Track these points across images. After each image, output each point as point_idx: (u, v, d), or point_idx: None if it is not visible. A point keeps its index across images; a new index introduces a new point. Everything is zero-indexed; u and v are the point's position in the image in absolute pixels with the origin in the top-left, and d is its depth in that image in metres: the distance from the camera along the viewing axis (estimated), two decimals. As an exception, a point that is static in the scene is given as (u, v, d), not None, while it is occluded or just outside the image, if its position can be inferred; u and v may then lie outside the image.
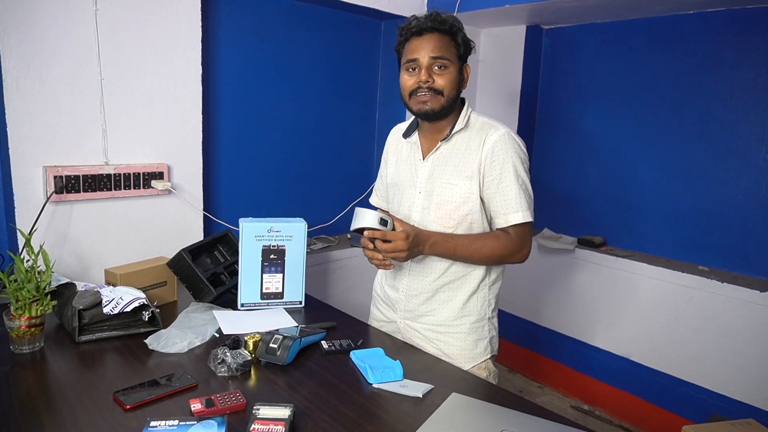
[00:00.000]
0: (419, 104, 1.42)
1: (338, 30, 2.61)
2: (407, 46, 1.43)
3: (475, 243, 1.42)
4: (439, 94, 1.40)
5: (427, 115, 1.43)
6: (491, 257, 1.44)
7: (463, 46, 1.42)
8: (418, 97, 1.41)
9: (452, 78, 1.41)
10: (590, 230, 2.98)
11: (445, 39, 1.40)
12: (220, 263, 1.87)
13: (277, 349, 1.30)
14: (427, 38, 1.39)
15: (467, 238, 1.43)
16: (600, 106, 2.90)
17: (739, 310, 2.30)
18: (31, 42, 1.61)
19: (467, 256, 1.43)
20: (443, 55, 1.39)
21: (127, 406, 1.07)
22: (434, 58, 1.38)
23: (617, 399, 2.78)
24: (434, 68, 1.39)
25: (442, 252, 1.43)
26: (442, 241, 1.41)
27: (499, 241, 1.43)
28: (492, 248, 1.42)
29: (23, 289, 1.28)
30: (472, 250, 1.42)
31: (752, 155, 2.39)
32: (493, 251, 1.42)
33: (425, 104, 1.41)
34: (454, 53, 1.41)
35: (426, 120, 1.47)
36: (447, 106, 1.42)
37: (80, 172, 1.74)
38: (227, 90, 2.26)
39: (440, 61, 1.39)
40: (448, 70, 1.40)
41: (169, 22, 1.89)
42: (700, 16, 2.49)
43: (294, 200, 2.58)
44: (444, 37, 1.40)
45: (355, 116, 2.78)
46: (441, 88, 1.39)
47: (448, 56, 1.39)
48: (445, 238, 1.41)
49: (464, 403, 1.19)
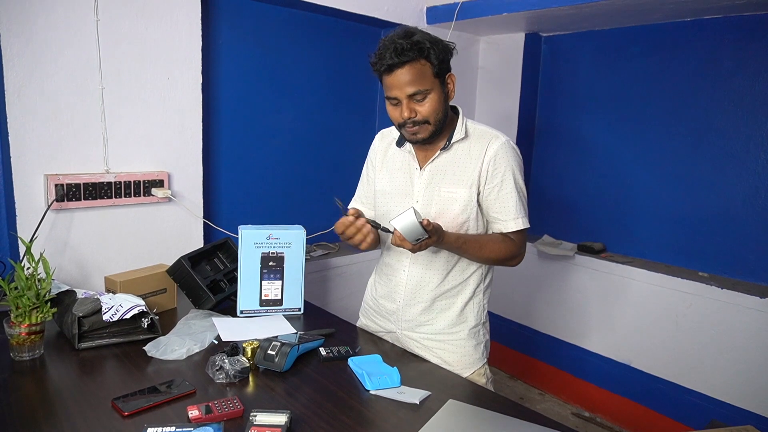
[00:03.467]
0: (410, 136, 1.43)
1: (338, 38, 2.62)
2: (384, 81, 1.39)
3: (482, 241, 1.44)
4: (426, 123, 1.39)
5: (421, 143, 1.45)
6: (496, 259, 1.47)
7: (439, 63, 1.36)
8: (407, 130, 1.42)
9: (435, 103, 1.38)
10: (590, 236, 2.98)
11: (416, 67, 1.33)
12: (219, 270, 1.87)
13: (275, 356, 1.30)
14: (398, 74, 1.33)
15: (475, 237, 1.45)
16: (599, 113, 2.91)
17: (739, 316, 2.30)
18: (33, 51, 1.63)
19: (473, 254, 1.45)
20: (418, 89, 1.35)
21: (126, 412, 1.08)
22: (411, 95, 1.36)
23: (618, 406, 2.77)
24: (415, 100, 1.37)
25: (452, 246, 1.41)
26: (454, 239, 1.40)
27: (505, 245, 1.46)
28: (498, 251, 1.45)
29: (23, 297, 1.29)
30: (478, 248, 1.43)
31: (751, 161, 2.39)
32: (498, 254, 1.45)
33: (416, 135, 1.42)
34: (430, 77, 1.35)
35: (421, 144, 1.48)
36: (437, 129, 1.42)
37: (81, 180, 1.76)
38: (227, 98, 2.28)
39: (418, 95, 1.36)
40: (429, 97, 1.37)
41: (170, 31, 1.91)
42: (698, 23, 2.50)
43: (293, 207, 2.59)
44: (415, 65, 1.33)
45: (354, 124, 2.79)
46: (426, 117, 1.38)
47: (424, 86, 1.35)
48: (456, 235, 1.41)
49: (461, 410, 1.19)
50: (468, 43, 3.09)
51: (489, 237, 1.48)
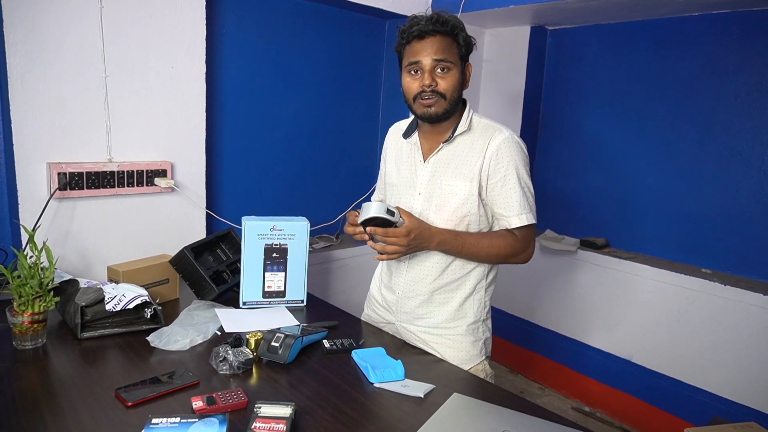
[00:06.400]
0: (424, 108, 1.42)
1: (342, 29, 2.61)
2: (408, 49, 1.41)
3: (482, 241, 1.42)
4: (443, 98, 1.39)
5: (431, 118, 1.43)
6: (497, 256, 1.45)
7: (465, 46, 1.41)
8: (422, 101, 1.41)
9: (455, 80, 1.40)
10: (593, 232, 2.97)
11: (447, 41, 1.38)
12: (222, 261, 1.87)
13: (279, 348, 1.30)
14: (429, 41, 1.37)
15: (474, 237, 1.43)
16: (603, 108, 2.89)
17: (741, 313, 2.29)
18: (36, 39, 1.62)
19: (473, 254, 1.44)
20: (446, 58, 1.37)
21: (129, 403, 1.08)
22: (437, 60, 1.37)
23: (618, 401, 2.77)
24: (437, 71, 1.38)
25: (449, 250, 1.43)
26: (449, 239, 1.40)
27: (505, 241, 1.44)
28: (499, 247, 1.43)
29: (26, 286, 1.29)
30: (478, 248, 1.42)
31: (756, 158, 2.38)
32: (499, 250, 1.43)
33: (430, 108, 1.41)
34: (456, 54, 1.40)
35: (429, 122, 1.47)
36: (450, 109, 1.42)
37: (84, 169, 1.75)
38: (231, 88, 2.27)
39: (443, 63, 1.37)
40: (451, 72, 1.39)
41: (174, 20, 1.89)
42: (705, 17, 2.48)
43: (297, 199, 2.59)
44: (446, 38, 1.38)
45: (358, 115, 2.78)
46: (444, 91, 1.39)
47: (450, 58, 1.38)
48: (452, 237, 1.41)
49: (465, 404, 1.19)
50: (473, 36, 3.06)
51: (489, 234, 1.46)
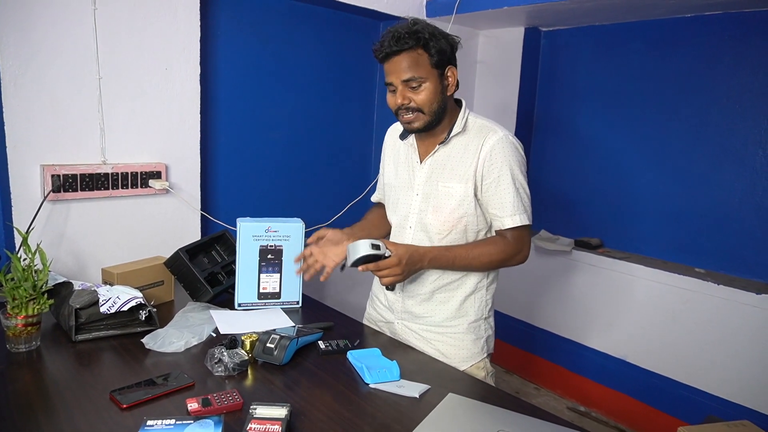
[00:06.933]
0: (405, 123, 1.45)
1: (336, 30, 2.61)
2: (384, 67, 1.42)
3: (472, 252, 1.43)
4: (421, 112, 1.40)
5: (414, 131, 1.46)
6: (490, 263, 1.45)
7: (438, 55, 1.37)
8: (402, 117, 1.43)
9: (430, 93, 1.38)
10: (587, 232, 2.98)
11: (413, 56, 1.35)
12: (217, 263, 1.86)
13: (274, 349, 1.30)
14: (395, 61, 1.37)
15: (465, 248, 1.43)
16: (598, 108, 2.91)
17: (735, 313, 2.31)
18: (29, 40, 1.61)
19: (466, 265, 1.44)
20: (413, 75, 1.36)
21: (124, 405, 1.07)
22: (405, 81, 1.37)
23: (613, 400, 2.78)
24: (409, 88, 1.39)
25: (442, 265, 1.44)
26: (440, 255, 1.41)
27: (496, 247, 1.44)
28: (490, 254, 1.43)
29: (20, 288, 1.28)
30: (470, 259, 1.43)
31: (749, 158, 2.40)
32: (491, 257, 1.44)
33: (410, 123, 1.43)
34: (427, 66, 1.37)
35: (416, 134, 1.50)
36: (433, 120, 1.42)
37: (78, 171, 1.74)
38: (225, 90, 2.26)
39: (412, 82, 1.37)
40: (424, 86, 1.38)
41: (168, 21, 1.89)
42: (698, 19, 2.50)
43: (292, 200, 2.58)
44: (412, 54, 1.35)
45: (352, 116, 2.78)
46: (421, 105, 1.39)
47: (419, 74, 1.36)
48: (442, 252, 1.41)
49: (461, 404, 1.19)
50: (467, 37, 3.07)
51: (479, 243, 1.47)
